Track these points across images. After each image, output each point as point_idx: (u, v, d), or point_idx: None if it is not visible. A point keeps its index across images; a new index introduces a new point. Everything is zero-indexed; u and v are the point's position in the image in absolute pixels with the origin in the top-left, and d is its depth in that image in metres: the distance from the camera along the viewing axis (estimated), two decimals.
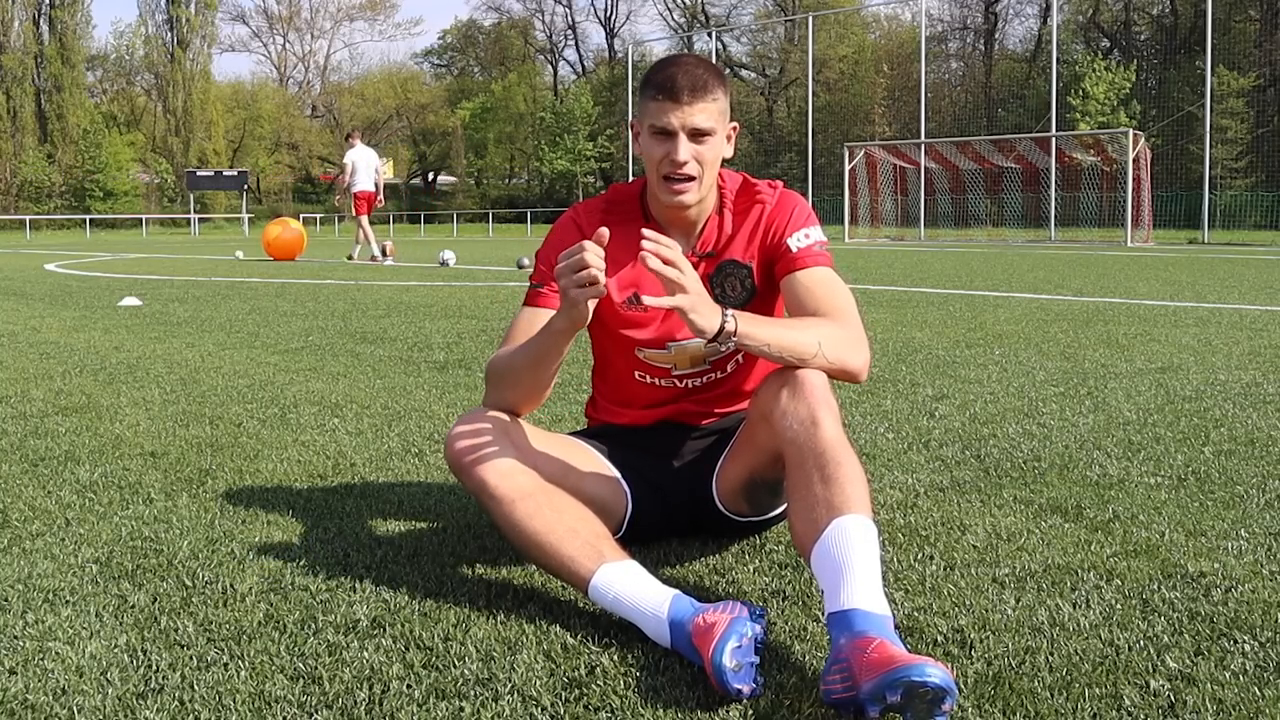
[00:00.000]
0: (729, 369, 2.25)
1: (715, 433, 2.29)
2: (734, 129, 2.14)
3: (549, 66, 73.83)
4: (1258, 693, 1.58)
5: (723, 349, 1.86)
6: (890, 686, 1.42)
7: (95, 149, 58.82)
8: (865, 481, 1.80)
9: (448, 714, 1.55)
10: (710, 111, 2.03)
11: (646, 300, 1.79)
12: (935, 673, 1.42)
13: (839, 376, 1.98)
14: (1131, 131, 26.70)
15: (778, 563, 2.20)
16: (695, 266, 2.16)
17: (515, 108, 64.79)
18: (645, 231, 1.78)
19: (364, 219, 17.22)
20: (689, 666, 1.67)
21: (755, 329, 1.88)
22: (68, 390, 4.45)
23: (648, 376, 2.25)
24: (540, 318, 2.13)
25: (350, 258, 17.45)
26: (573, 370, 4.68)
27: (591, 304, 1.86)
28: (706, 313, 1.82)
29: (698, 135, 2.04)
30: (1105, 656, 1.71)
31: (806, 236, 2.12)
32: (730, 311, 1.85)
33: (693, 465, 2.27)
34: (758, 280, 2.16)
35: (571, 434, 2.35)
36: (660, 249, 1.76)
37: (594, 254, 1.80)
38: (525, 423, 2.13)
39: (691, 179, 2.06)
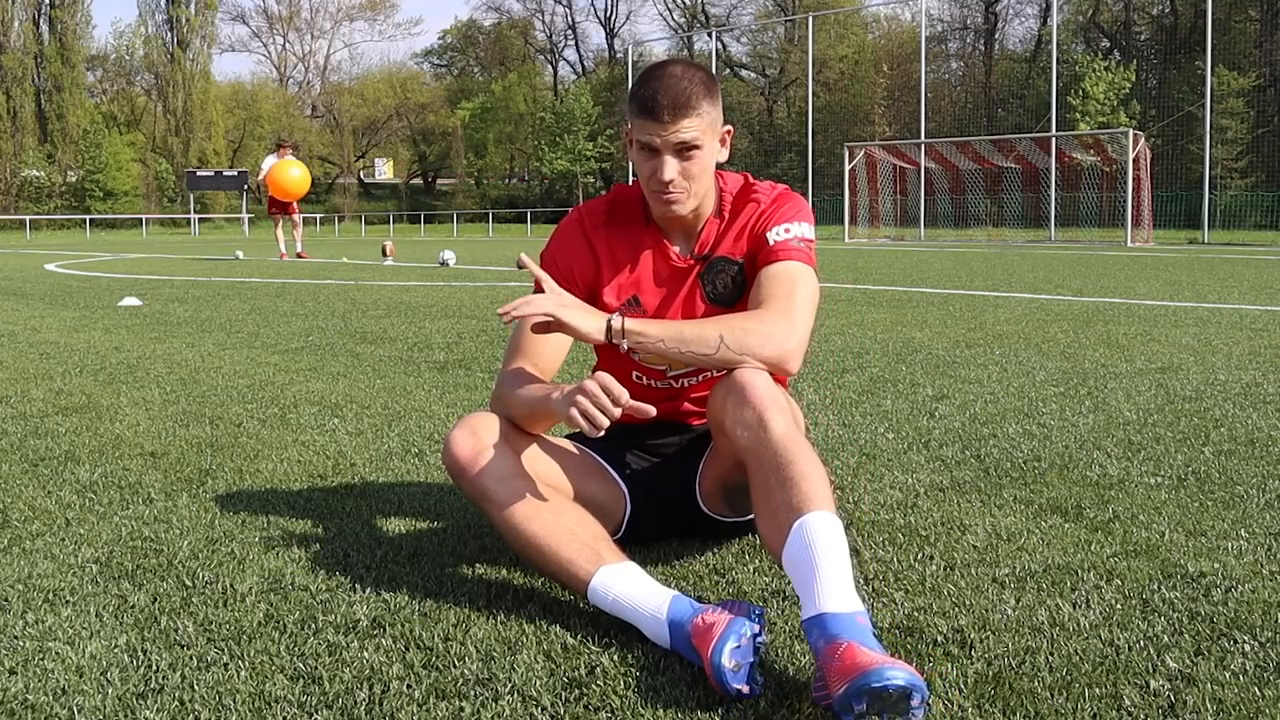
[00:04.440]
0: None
1: (707, 433, 2.29)
2: (728, 132, 2.11)
3: (549, 66, 73.90)
4: (1258, 693, 1.58)
5: (623, 349, 1.92)
6: (855, 696, 1.42)
7: (95, 149, 58.86)
8: (822, 474, 1.76)
9: (448, 714, 1.55)
10: (695, 126, 1.99)
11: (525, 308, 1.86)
12: (896, 674, 1.41)
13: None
14: (1131, 131, 26.69)
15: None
16: (693, 269, 2.16)
17: (515, 108, 64.80)
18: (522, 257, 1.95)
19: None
20: (689, 666, 1.67)
21: (646, 326, 1.92)
22: (68, 390, 4.45)
23: (644, 378, 2.25)
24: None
25: (345, 259, 17.94)
26: (573, 370, 4.68)
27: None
28: (583, 315, 1.90)
29: (684, 151, 2.02)
30: (1105, 656, 1.71)
31: (787, 230, 2.09)
32: (619, 312, 1.94)
33: (685, 466, 2.27)
34: (748, 276, 2.15)
35: (569, 435, 2.35)
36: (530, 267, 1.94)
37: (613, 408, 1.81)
38: None
39: (681, 192, 2.05)
